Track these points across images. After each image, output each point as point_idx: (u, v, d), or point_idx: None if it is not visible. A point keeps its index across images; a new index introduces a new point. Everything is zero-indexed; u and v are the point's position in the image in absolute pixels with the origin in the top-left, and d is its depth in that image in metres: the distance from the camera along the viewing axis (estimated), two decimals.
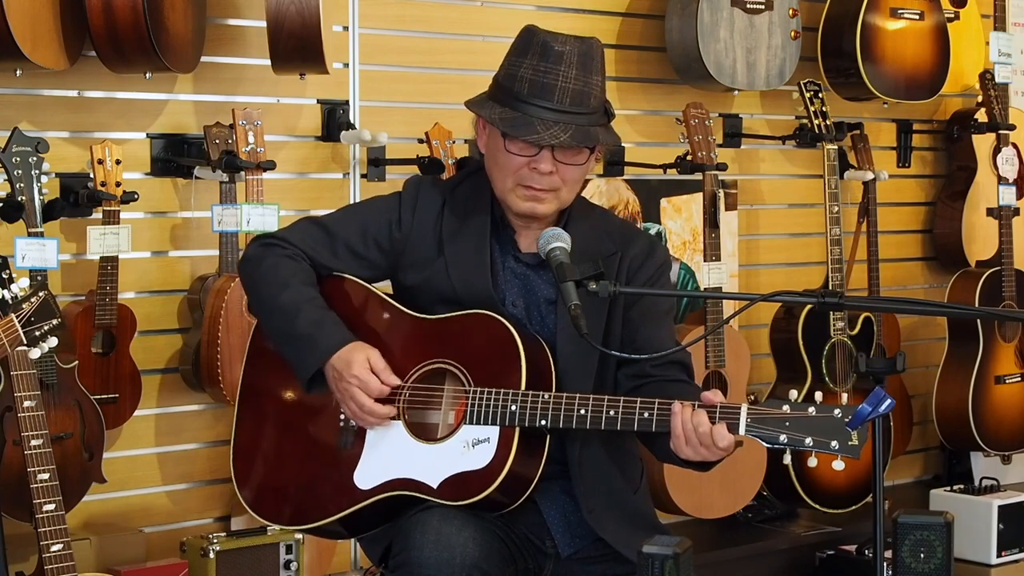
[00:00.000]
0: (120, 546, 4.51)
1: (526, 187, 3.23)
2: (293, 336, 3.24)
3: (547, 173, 3.21)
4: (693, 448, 3.05)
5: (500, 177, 3.26)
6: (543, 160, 3.20)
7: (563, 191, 3.26)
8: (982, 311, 5.78)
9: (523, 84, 3.19)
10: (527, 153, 3.21)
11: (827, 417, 2.99)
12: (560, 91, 3.18)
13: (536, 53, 3.20)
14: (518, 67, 3.21)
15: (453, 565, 3.06)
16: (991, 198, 6.15)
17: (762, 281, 6.01)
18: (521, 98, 3.19)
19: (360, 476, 3.23)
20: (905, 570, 3.19)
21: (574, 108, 3.18)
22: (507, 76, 3.23)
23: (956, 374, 6.07)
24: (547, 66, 3.18)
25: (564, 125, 3.17)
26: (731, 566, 5.42)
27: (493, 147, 3.27)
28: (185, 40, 4.42)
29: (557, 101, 3.18)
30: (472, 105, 3.28)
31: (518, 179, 3.23)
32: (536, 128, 3.16)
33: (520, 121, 3.18)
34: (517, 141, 3.19)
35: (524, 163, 3.21)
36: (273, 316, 3.28)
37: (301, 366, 3.24)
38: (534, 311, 3.31)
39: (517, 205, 3.26)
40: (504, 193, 3.26)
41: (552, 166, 3.21)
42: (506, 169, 3.23)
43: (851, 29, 5.79)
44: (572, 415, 3.10)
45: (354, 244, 3.34)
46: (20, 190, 4.10)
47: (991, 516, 5.74)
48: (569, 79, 3.18)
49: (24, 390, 3.75)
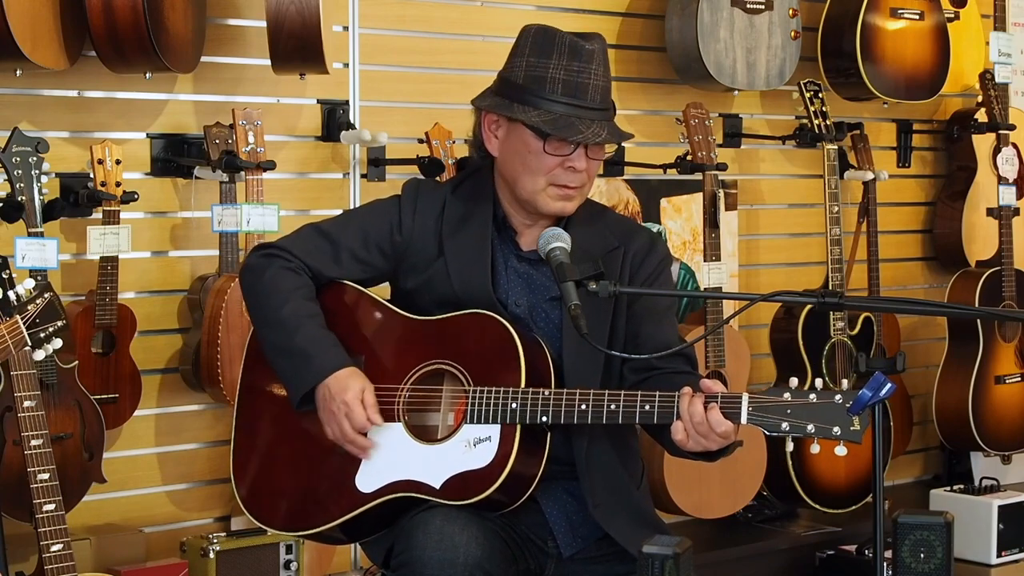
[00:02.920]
0: (120, 546, 4.50)
1: (560, 186, 3.24)
2: (290, 352, 3.23)
3: (582, 171, 3.23)
4: (694, 440, 3.05)
5: (530, 179, 3.25)
6: (578, 159, 3.22)
7: (587, 186, 3.30)
8: (982, 311, 5.78)
9: (555, 84, 3.19)
10: (563, 152, 3.22)
11: (828, 403, 2.99)
12: (592, 89, 3.20)
13: (564, 53, 3.20)
14: (544, 68, 3.20)
15: (456, 565, 3.06)
16: (991, 198, 6.15)
17: (762, 281, 6.01)
18: (554, 98, 3.19)
19: (362, 479, 3.22)
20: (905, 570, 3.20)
21: (602, 105, 3.23)
22: (532, 78, 3.21)
23: (956, 374, 6.07)
24: (580, 65, 3.20)
25: (600, 123, 3.20)
26: (731, 566, 5.42)
27: (521, 149, 3.25)
28: (185, 40, 4.42)
29: (590, 99, 3.20)
30: (499, 108, 3.25)
31: (551, 179, 3.24)
32: (579, 128, 3.18)
33: (562, 122, 3.18)
34: (555, 141, 3.20)
35: (558, 163, 3.22)
36: (272, 330, 3.27)
37: (295, 383, 3.24)
38: (538, 310, 3.31)
39: (548, 205, 3.26)
40: (533, 194, 3.26)
41: (585, 163, 3.23)
42: (538, 170, 3.23)
43: (851, 29, 5.79)
44: (573, 411, 3.11)
45: (356, 250, 3.34)
46: (20, 190, 4.10)
47: (991, 516, 5.74)
48: (599, 77, 3.22)
49: (24, 390, 3.75)
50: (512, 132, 3.26)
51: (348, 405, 3.17)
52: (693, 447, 3.07)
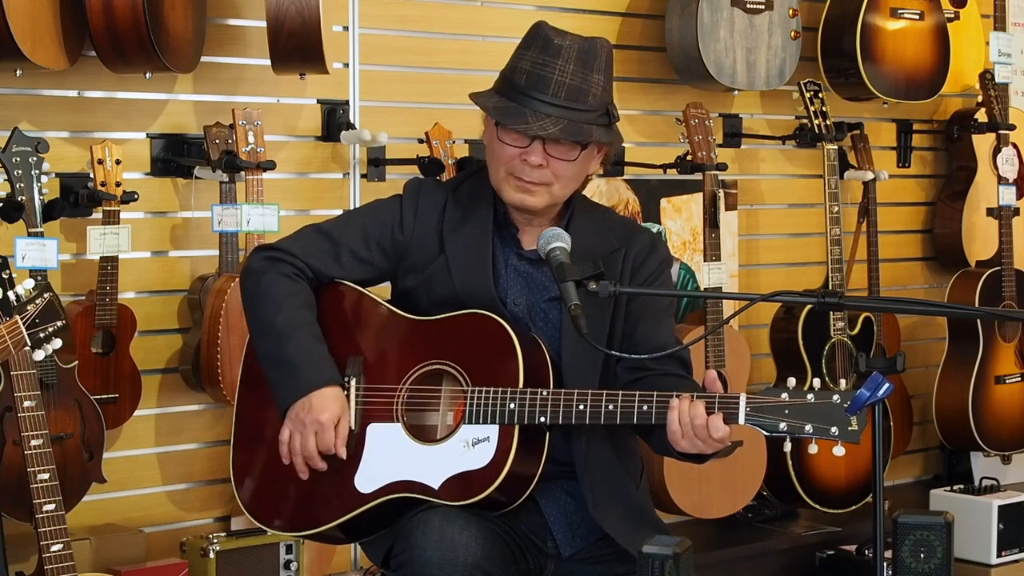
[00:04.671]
0: (120, 546, 4.50)
1: (517, 178, 3.25)
2: (280, 361, 3.23)
3: (536, 166, 3.22)
4: (689, 440, 3.05)
5: (494, 166, 3.28)
6: (534, 152, 3.21)
7: (555, 186, 3.26)
8: (982, 311, 5.77)
9: (521, 75, 3.21)
10: (519, 144, 3.22)
11: (826, 403, 2.99)
12: (556, 84, 3.19)
13: (537, 47, 3.22)
14: (520, 59, 3.24)
15: (455, 565, 3.06)
16: (991, 198, 6.15)
17: (762, 281, 6.01)
18: (519, 89, 3.21)
19: (361, 480, 3.22)
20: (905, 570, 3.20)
21: (569, 103, 3.19)
22: (510, 68, 3.26)
23: (956, 374, 6.07)
24: (545, 59, 3.20)
25: (556, 119, 3.18)
26: (731, 566, 5.42)
27: (489, 137, 3.30)
28: (185, 40, 4.42)
29: (552, 94, 3.19)
30: (475, 96, 3.30)
31: (509, 169, 3.25)
32: (527, 118, 3.18)
33: (513, 111, 3.19)
34: (509, 131, 3.22)
35: (516, 154, 3.23)
36: (265, 337, 3.27)
37: (282, 394, 3.24)
38: (536, 309, 3.31)
39: (508, 195, 3.28)
40: (497, 182, 3.28)
41: (542, 159, 3.22)
42: (499, 159, 3.26)
43: (851, 29, 5.79)
44: (571, 410, 3.11)
45: (357, 249, 3.34)
46: (20, 190, 4.10)
47: (991, 516, 5.74)
48: (566, 73, 3.19)
49: (24, 390, 3.75)
50: (488, 121, 3.31)
51: (322, 426, 3.18)
52: (687, 447, 3.07)
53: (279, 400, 3.25)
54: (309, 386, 3.20)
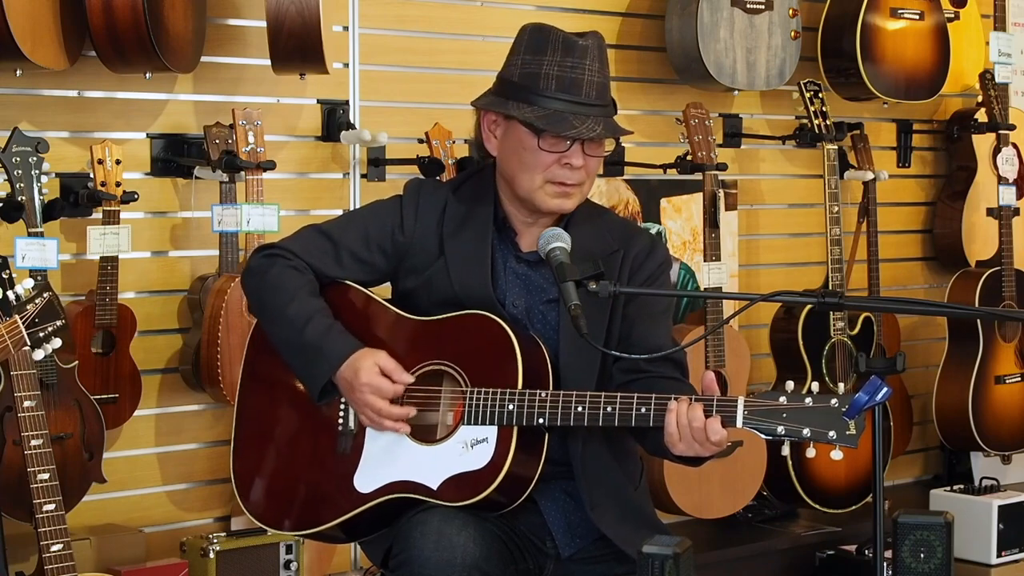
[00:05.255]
0: (120, 546, 4.50)
1: (557, 184, 3.23)
2: (301, 348, 3.22)
3: (579, 168, 3.22)
4: (687, 443, 3.05)
5: (527, 176, 3.24)
6: (575, 155, 3.21)
7: (587, 184, 3.28)
8: (982, 311, 5.77)
9: (549, 80, 3.19)
10: (559, 149, 3.21)
11: (824, 407, 2.98)
12: (587, 85, 3.20)
13: (558, 49, 3.21)
14: (539, 64, 3.21)
15: (454, 565, 3.06)
16: (991, 198, 6.15)
17: (762, 281, 6.01)
18: (548, 95, 3.19)
19: (360, 480, 3.23)
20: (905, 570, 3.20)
21: (599, 101, 3.21)
22: (526, 75, 3.22)
23: (956, 374, 6.07)
24: (573, 61, 3.20)
25: (595, 119, 3.20)
26: (731, 566, 5.43)
27: (517, 146, 3.24)
28: (185, 40, 4.42)
29: (585, 95, 3.19)
30: (494, 106, 3.26)
31: (548, 176, 3.23)
32: (572, 123, 3.17)
33: (555, 117, 3.18)
34: (550, 137, 3.20)
35: (555, 159, 3.22)
36: (281, 328, 3.26)
37: (311, 379, 3.23)
38: (535, 311, 3.31)
39: (546, 203, 3.25)
40: (531, 192, 3.25)
41: (583, 160, 3.22)
42: (535, 167, 3.23)
43: (851, 29, 5.79)
44: (570, 413, 3.11)
45: (357, 250, 3.33)
46: (20, 190, 4.10)
47: (991, 516, 5.74)
48: (594, 72, 3.21)
49: (24, 390, 3.75)
50: (509, 130, 3.26)
51: (369, 384, 3.15)
52: (684, 450, 3.07)
53: (309, 384, 3.23)
54: (334, 362, 3.18)
